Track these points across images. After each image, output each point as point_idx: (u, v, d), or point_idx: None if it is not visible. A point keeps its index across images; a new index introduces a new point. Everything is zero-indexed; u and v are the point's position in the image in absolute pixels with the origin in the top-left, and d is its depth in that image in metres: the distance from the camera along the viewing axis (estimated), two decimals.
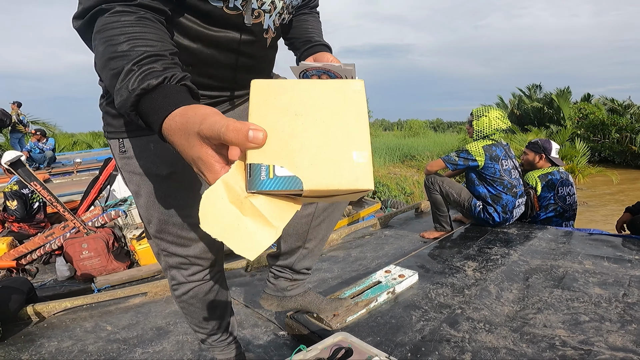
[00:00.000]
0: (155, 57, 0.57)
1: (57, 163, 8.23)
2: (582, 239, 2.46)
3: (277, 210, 0.46)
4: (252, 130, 0.45)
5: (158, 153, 0.84)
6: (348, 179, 0.45)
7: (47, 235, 2.92)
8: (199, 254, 0.98)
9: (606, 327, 1.37)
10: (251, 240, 0.45)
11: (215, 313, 1.11)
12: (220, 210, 0.45)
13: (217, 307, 1.11)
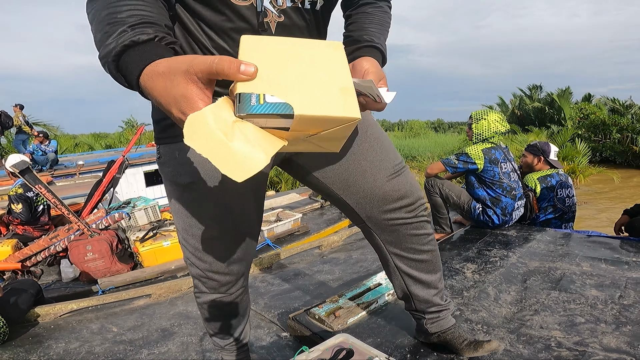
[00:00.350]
0: (150, 25, 0.59)
1: (60, 165, 8.27)
2: (580, 241, 2.49)
3: (264, 138, 0.47)
4: (244, 64, 0.48)
5: (181, 162, 0.87)
6: (337, 107, 0.49)
7: (52, 237, 2.95)
8: (217, 270, 0.98)
9: (601, 329, 1.40)
10: (240, 162, 0.46)
11: (232, 323, 1.13)
12: (206, 133, 0.45)
13: (235, 318, 1.12)
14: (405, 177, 1.01)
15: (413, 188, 1.02)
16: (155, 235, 2.87)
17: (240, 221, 0.95)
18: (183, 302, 2.02)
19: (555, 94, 18.11)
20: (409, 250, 1.08)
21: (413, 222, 1.04)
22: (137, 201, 3.37)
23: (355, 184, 0.98)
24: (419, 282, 1.13)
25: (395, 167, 1.00)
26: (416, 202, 1.03)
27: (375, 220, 1.03)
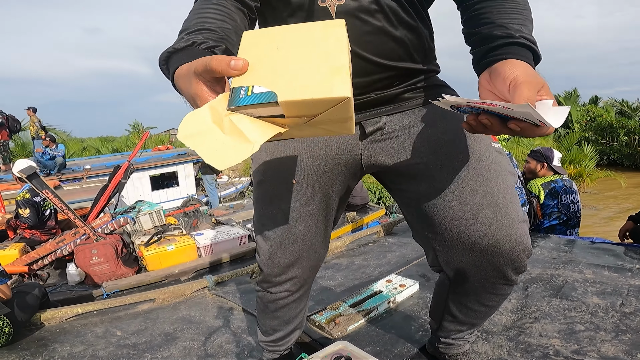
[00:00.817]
0: (205, 31, 0.65)
1: (67, 169, 8.38)
2: (584, 247, 2.48)
3: (255, 128, 0.49)
4: (234, 60, 0.50)
5: (258, 160, 0.95)
6: (322, 88, 0.47)
7: (58, 241, 3.00)
8: (266, 265, 1.00)
9: (600, 337, 1.40)
10: (223, 153, 0.48)
11: (272, 324, 1.13)
12: (200, 126, 0.48)
13: (276, 320, 1.12)
14: (520, 231, 0.80)
15: (525, 246, 0.80)
16: (159, 240, 2.90)
17: (297, 227, 0.94)
18: (186, 307, 2.04)
19: (561, 96, 18.01)
20: (473, 302, 0.92)
21: (499, 284, 0.86)
22: (142, 206, 3.41)
23: (441, 225, 0.83)
24: (459, 322, 0.99)
25: (506, 222, 0.78)
26: (518, 264, 0.82)
27: (456, 266, 0.87)
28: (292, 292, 1.05)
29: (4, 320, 1.66)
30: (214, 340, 1.65)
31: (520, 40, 0.64)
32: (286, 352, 1.24)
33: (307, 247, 0.97)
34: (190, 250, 2.83)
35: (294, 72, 0.49)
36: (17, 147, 13.88)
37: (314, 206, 0.93)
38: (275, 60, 0.51)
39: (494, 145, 0.84)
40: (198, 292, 2.22)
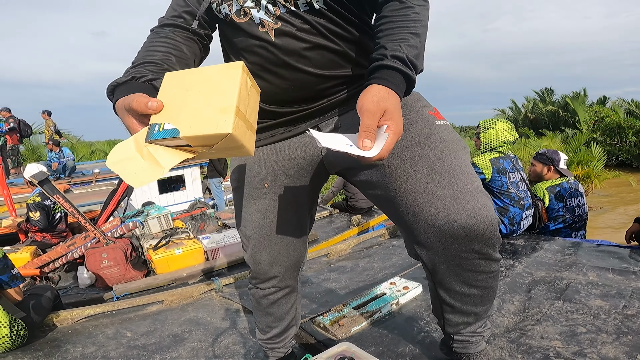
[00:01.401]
0: (148, 64, 0.80)
1: (77, 173, 8.50)
2: (589, 250, 2.48)
3: (167, 156, 0.62)
4: (150, 101, 0.63)
5: (233, 168, 1.07)
6: (210, 126, 0.59)
7: (69, 244, 3.06)
8: (252, 262, 1.10)
9: (601, 339, 1.41)
10: (138, 174, 0.61)
11: (267, 321, 1.21)
12: (125, 154, 0.62)
13: (270, 317, 1.20)
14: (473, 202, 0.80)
15: (484, 216, 0.79)
16: (167, 244, 2.96)
17: (272, 226, 1.03)
18: (194, 309, 2.08)
19: (569, 97, 17.87)
20: (457, 283, 0.90)
21: (473, 260, 0.84)
22: (150, 209, 3.47)
23: (400, 209, 0.86)
24: (459, 311, 0.96)
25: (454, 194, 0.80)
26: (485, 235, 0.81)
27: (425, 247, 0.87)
28: (280, 288, 1.14)
29: (19, 323, 1.72)
30: (221, 341, 1.69)
31: (386, 62, 0.72)
32: (287, 352, 1.29)
33: (285, 245, 1.06)
34: (197, 254, 2.88)
35: (194, 111, 0.61)
36: (27, 151, 14.09)
37: (286, 206, 1.02)
38: (183, 101, 0.63)
39: (438, 122, 0.88)
40: (205, 294, 2.26)
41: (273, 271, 1.09)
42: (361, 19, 0.90)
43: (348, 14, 0.87)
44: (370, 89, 0.71)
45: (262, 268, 1.09)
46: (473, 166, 2.65)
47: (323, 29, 0.86)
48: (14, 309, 1.76)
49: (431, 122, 0.88)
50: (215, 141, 0.60)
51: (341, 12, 0.86)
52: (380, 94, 0.69)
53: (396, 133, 0.68)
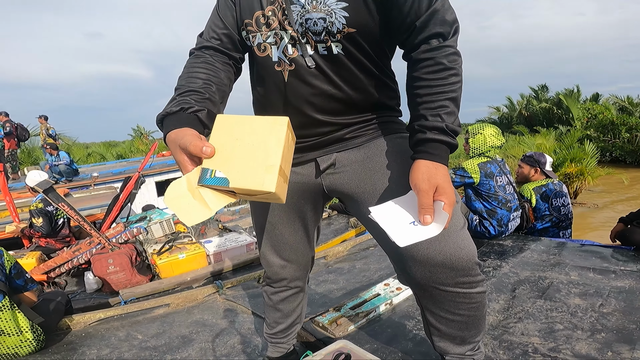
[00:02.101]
0: (192, 92, 0.85)
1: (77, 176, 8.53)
2: (573, 250, 2.61)
3: (215, 199, 0.70)
4: (205, 147, 0.70)
5: None
6: (257, 182, 0.68)
7: (74, 250, 3.17)
8: (265, 263, 1.24)
9: (576, 336, 1.54)
10: (191, 214, 0.69)
11: (274, 316, 1.34)
12: (179, 192, 0.70)
13: (277, 312, 1.33)
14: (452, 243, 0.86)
15: (460, 256, 0.86)
16: (171, 248, 3.07)
17: (282, 235, 1.17)
18: (199, 311, 2.19)
19: (562, 94, 18.05)
20: (441, 310, 0.96)
21: (452, 292, 0.90)
22: (152, 214, 3.57)
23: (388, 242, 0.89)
24: (445, 334, 1.00)
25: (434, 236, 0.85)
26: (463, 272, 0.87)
27: (409, 276, 0.95)
28: (290, 287, 1.28)
29: (37, 329, 1.82)
30: (227, 341, 1.81)
31: (429, 136, 0.79)
32: (290, 349, 1.42)
33: (294, 251, 1.19)
34: (200, 258, 2.99)
35: (242, 164, 0.70)
36: (24, 155, 14.08)
37: (293, 220, 1.14)
38: (232, 150, 0.71)
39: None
40: (209, 296, 2.37)
41: (283, 273, 1.24)
42: (378, 65, 0.94)
43: (365, 59, 0.90)
44: (419, 165, 0.78)
45: (273, 270, 1.24)
46: (462, 171, 2.79)
47: (334, 76, 0.90)
48: (33, 314, 1.87)
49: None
50: (258, 194, 0.70)
51: (359, 58, 0.89)
52: (429, 170, 0.77)
53: (451, 205, 0.76)
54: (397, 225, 0.76)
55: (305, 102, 0.93)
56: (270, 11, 0.89)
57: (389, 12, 0.84)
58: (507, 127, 19.29)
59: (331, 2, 0.83)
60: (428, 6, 0.80)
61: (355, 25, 0.84)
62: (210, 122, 0.80)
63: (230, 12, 0.96)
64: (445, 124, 0.78)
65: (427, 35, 0.81)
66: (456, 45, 0.83)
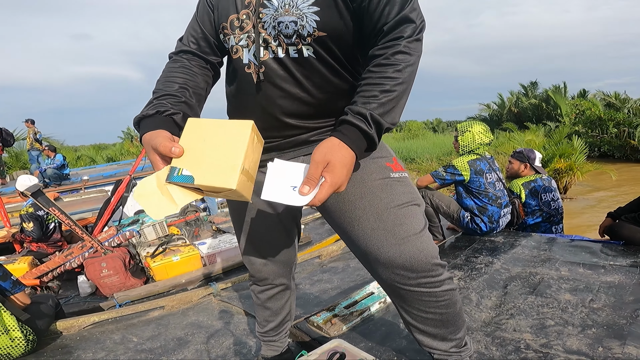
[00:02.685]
0: (168, 96, 0.90)
1: (67, 180, 8.43)
2: (563, 245, 2.66)
3: (181, 195, 0.74)
4: (174, 147, 0.74)
5: None
6: (220, 179, 0.72)
7: (67, 254, 3.13)
8: (247, 263, 1.26)
9: (567, 331, 1.57)
10: (157, 208, 0.73)
11: (264, 314, 1.36)
12: (148, 188, 0.74)
13: (267, 310, 1.35)
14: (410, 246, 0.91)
15: (419, 258, 0.91)
16: (164, 251, 3.05)
17: (260, 234, 1.18)
18: (194, 313, 2.19)
19: (550, 91, 18.27)
20: (412, 308, 1.00)
21: (416, 292, 0.95)
22: (145, 217, 3.55)
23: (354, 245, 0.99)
24: (423, 331, 1.05)
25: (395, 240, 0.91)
26: (423, 273, 0.92)
27: (377, 277, 1.00)
28: (275, 285, 1.29)
29: (27, 329, 1.81)
30: (222, 342, 1.82)
31: (348, 118, 0.80)
32: (284, 348, 1.43)
33: (273, 248, 1.21)
34: (194, 260, 2.98)
35: (208, 163, 0.74)
36: (12, 159, 13.87)
37: (268, 218, 1.16)
38: (199, 150, 0.76)
39: (393, 175, 0.97)
40: (204, 298, 2.37)
41: (265, 270, 1.25)
42: (349, 70, 0.94)
43: (336, 64, 0.91)
44: (327, 140, 0.80)
45: (255, 268, 1.25)
46: (453, 168, 2.82)
47: (304, 79, 0.91)
48: (20, 312, 1.85)
49: (386, 175, 0.97)
50: (221, 191, 0.74)
51: (330, 62, 0.90)
52: (332, 147, 0.78)
53: (332, 185, 0.76)
54: (277, 183, 0.79)
55: (273, 104, 0.95)
56: (245, 14, 0.91)
57: (361, 20, 0.86)
58: (497, 124, 19.47)
59: (303, 6, 0.85)
60: (397, 13, 0.82)
61: (326, 29, 0.86)
62: (184, 123, 0.84)
63: (208, 17, 0.99)
64: (370, 112, 0.79)
65: (391, 37, 0.83)
66: (413, 47, 0.83)
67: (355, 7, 0.85)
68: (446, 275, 0.96)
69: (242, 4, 0.91)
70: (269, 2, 0.87)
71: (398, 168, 0.99)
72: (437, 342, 1.05)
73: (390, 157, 1.01)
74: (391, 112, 0.82)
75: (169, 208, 0.73)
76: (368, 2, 0.83)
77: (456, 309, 1.01)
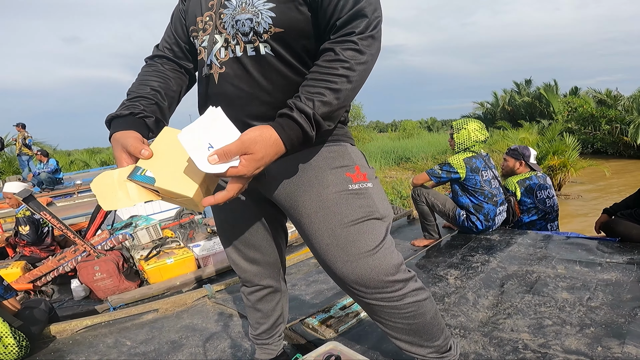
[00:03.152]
0: (141, 98, 0.92)
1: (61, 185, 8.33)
2: (559, 243, 2.66)
3: (137, 193, 0.76)
4: (144, 150, 0.77)
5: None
6: (178, 186, 0.75)
7: (60, 259, 3.10)
8: (233, 265, 1.24)
9: (565, 331, 1.56)
10: (111, 200, 0.75)
11: (255, 317, 1.34)
12: (107, 180, 0.77)
13: (257, 312, 1.33)
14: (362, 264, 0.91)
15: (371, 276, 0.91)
16: (158, 254, 3.02)
17: (243, 235, 1.16)
18: (189, 315, 2.16)
19: (542, 88, 18.37)
20: (380, 318, 1.01)
21: (376, 305, 0.96)
22: (138, 220, 3.52)
23: (315, 254, 1.00)
24: (398, 339, 1.05)
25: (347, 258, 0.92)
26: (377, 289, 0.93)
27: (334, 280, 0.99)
28: (263, 287, 1.27)
29: (19, 334, 1.78)
30: (217, 345, 1.79)
31: (292, 114, 0.76)
32: (279, 351, 1.41)
33: (258, 250, 1.19)
34: (189, 262, 2.96)
35: (171, 170, 0.77)
36: (4, 164, 13.72)
37: (250, 220, 1.15)
38: (167, 157, 0.78)
39: (351, 187, 0.94)
40: (198, 300, 2.35)
41: (251, 271, 1.23)
42: (310, 67, 0.88)
43: (295, 61, 0.89)
44: (264, 128, 0.75)
45: (241, 269, 1.23)
46: (448, 166, 2.81)
47: (262, 79, 0.89)
48: (12, 319, 1.82)
49: (343, 187, 0.93)
50: (178, 197, 0.78)
51: (288, 59, 0.89)
52: (266, 138, 0.74)
53: (238, 172, 0.72)
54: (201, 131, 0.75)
55: (234, 105, 0.93)
56: (208, 16, 0.93)
57: (316, 15, 0.86)
58: (491, 122, 19.56)
59: (258, 3, 0.85)
60: (351, 7, 0.81)
61: (282, 26, 0.85)
62: (156, 127, 0.91)
63: (180, 22, 1.03)
64: (314, 112, 0.77)
65: (343, 32, 0.81)
66: (366, 44, 0.81)
67: (310, 1, 0.84)
68: (410, 288, 0.95)
69: (206, 6, 0.93)
70: (229, 2, 0.88)
71: (359, 178, 0.95)
72: (415, 348, 1.05)
73: (353, 166, 0.97)
74: (331, 115, 0.80)
75: (123, 202, 0.76)
76: None
77: (426, 319, 1.00)
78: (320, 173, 0.93)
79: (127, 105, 0.89)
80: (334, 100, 0.78)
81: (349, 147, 1.00)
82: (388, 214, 0.97)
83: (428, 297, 1.01)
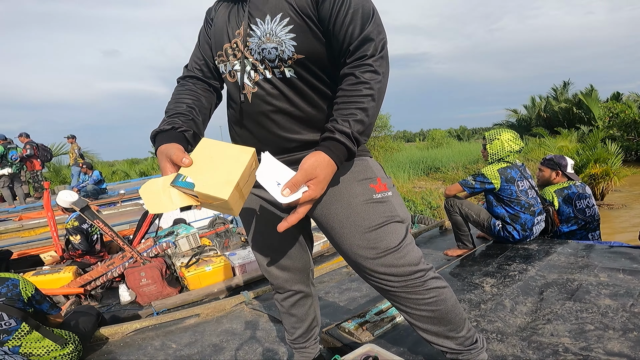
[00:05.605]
0: (179, 115, 1.04)
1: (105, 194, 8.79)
2: (601, 252, 2.58)
3: (179, 198, 0.84)
4: (185, 158, 0.86)
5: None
6: (215, 190, 0.82)
7: (109, 264, 3.29)
8: (264, 273, 1.32)
9: (608, 335, 1.53)
10: (156, 204, 0.83)
11: (290, 322, 1.40)
12: (153, 187, 0.84)
13: (292, 317, 1.39)
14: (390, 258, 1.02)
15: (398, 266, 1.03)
16: (198, 261, 3.16)
17: (273, 244, 1.24)
18: (228, 320, 2.26)
19: (581, 94, 17.64)
20: (407, 307, 1.10)
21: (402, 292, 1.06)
22: (179, 229, 3.68)
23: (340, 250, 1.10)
24: (424, 330, 1.13)
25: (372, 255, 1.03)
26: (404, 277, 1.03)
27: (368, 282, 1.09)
28: (295, 292, 1.34)
29: (76, 341, 1.92)
30: (256, 349, 1.86)
31: (335, 136, 0.89)
32: (316, 354, 1.47)
33: (287, 257, 1.27)
34: (226, 270, 3.07)
35: (210, 175, 0.85)
36: (51, 174, 14.50)
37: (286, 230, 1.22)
38: (205, 164, 0.87)
39: (375, 196, 1.06)
40: (236, 306, 2.44)
41: (282, 277, 1.30)
42: (330, 86, 1.04)
43: (317, 81, 1.03)
44: (317, 154, 0.89)
45: (273, 276, 1.31)
46: (482, 177, 2.79)
47: (291, 95, 1.02)
48: (68, 327, 1.96)
49: (369, 197, 1.06)
50: (215, 201, 0.84)
51: (310, 81, 1.02)
52: (322, 162, 0.88)
53: (311, 196, 0.87)
54: (268, 172, 0.89)
55: (267, 119, 1.06)
56: (235, 43, 1.04)
57: (330, 42, 0.98)
58: (526, 129, 18.94)
59: (281, 33, 0.97)
60: (360, 33, 0.93)
61: (303, 52, 0.97)
62: (193, 140, 1.00)
63: (208, 45, 1.15)
64: (352, 131, 0.90)
65: (356, 57, 0.94)
66: (379, 64, 0.93)
67: (324, 30, 0.97)
68: (430, 276, 1.07)
69: (232, 34, 1.05)
70: (254, 32, 1.00)
71: (381, 188, 1.08)
72: (442, 340, 1.13)
73: (375, 179, 1.09)
74: (365, 130, 0.93)
75: (167, 206, 0.83)
76: (333, 25, 0.94)
77: (447, 305, 1.09)
78: (349, 185, 1.05)
79: (167, 122, 1.01)
80: (364, 117, 0.91)
81: (370, 161, 1.12)
82: (407, 217, 1.10)
83: (447, 286, 1.11)
